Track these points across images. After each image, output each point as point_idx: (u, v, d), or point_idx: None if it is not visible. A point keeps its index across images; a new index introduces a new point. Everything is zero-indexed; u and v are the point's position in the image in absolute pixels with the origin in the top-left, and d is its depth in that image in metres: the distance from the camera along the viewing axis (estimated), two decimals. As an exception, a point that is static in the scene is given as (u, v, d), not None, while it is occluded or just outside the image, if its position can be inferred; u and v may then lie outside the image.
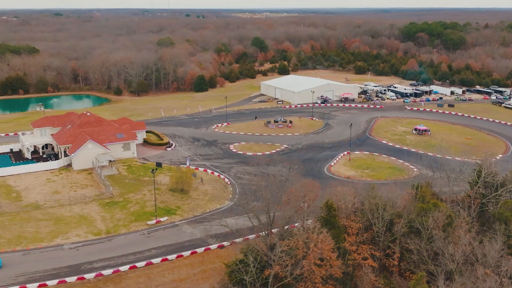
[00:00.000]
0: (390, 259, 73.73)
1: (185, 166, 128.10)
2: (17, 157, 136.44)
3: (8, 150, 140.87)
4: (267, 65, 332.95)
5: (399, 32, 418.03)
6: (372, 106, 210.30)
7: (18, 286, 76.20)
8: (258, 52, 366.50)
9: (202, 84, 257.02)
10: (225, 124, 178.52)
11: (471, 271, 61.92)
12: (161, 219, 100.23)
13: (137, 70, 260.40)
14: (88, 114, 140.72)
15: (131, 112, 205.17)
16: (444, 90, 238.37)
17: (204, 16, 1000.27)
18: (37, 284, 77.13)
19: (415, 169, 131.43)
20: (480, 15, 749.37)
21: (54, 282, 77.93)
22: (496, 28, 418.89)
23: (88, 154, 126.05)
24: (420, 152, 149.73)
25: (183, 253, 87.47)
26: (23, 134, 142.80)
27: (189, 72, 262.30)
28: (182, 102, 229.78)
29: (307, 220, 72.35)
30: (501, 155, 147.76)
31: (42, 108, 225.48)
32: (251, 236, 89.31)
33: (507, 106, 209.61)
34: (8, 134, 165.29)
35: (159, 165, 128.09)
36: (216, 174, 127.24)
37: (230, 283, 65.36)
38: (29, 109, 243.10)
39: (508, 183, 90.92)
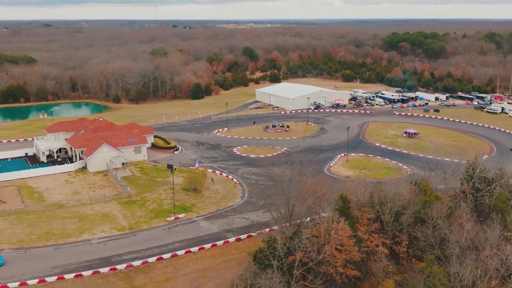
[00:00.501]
0: (399, 246, 79.19)
1: (194, 167, 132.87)
2: (32, 160, 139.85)
3: (23, 154, 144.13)
4: (258, 74, 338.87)
5: (382, 41, 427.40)
6: (362, 111, 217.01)
7: (56, 277, 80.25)
8: (248, 61, 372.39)
9: (198, 92, 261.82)
10: (226, 129, 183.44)
11: (476, 254, 67.57)
12: (179, 216, 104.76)
13: (135, 78, 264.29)
14: (101, 119, 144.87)
15: (132, 118, 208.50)
16: (429, 96, 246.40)
17: (190, 27, 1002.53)
18: (73, 274, 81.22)
19: (408, 169, 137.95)
20: (455, 26, 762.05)
21: (88, 272, 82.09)
22: (473, 38, 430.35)
23: (103, 157, 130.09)
24: (411, 153, 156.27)
25: (204, 246, 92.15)
26: (37, 139, 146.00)
27: (185, 81, 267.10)
28: (180, 109, 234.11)
29: (323, 212, 77.28)
30: (486, 156, 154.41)
31: (45, 116, 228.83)
32: (266, 230, 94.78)
33: (489, 110, 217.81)
34: (18, 140, 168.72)
35: (170, 167, 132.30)
36: (224, 175, 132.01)
37: (258, 268, 69.89)
38: (30, 116, 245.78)
39: (499, 178, 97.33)
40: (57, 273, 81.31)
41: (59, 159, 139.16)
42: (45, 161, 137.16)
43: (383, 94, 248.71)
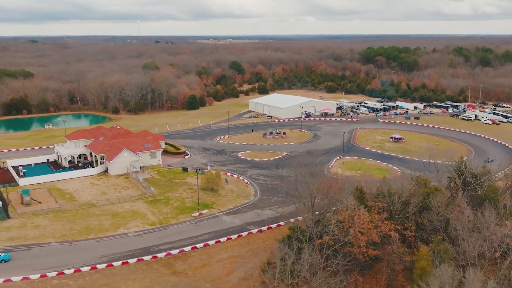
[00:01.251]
0: (408, 231, 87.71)
1: (207, 170, 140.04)
2: (54, 166, 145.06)
3: (45, 160, 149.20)
4: (246, 86, 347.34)
5: (359, 55, 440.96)
6: (349, 119, 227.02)
7: (105, 264, 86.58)
8: (236, 74, 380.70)
9: (194, 103, 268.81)
10: (227, 136, 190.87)
11: (477, 234, 76.34)
12: (203, 212, 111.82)
13: (134, 91, 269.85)
14: (118, 127, 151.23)
15: (134, 128, 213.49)
16: (408, 105, 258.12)
17: (172, 42, 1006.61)
18: (120, 262, 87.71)
19: (398, 170, 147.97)
20: (423, 41, 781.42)
21: (133, 260, 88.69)
22: (443, 52, 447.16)
23: (123, 161, 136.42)
24: (399, 156, 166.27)
25: (231, 236, 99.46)
26: (58, 146, 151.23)
27: (181, 92, 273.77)
28: (179, 119, 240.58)
29: (346, 201, 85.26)
30: (465, 158, 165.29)
31: (51, 126, 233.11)
32: (282, 223, 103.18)
33: (463, 118, 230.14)
34: (34, 148, 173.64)
35: (185, 169, 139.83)
36: (235, 176, 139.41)
37: (291, 251, 77.10)
38: (33, 127, 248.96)
39: (486, 174, 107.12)
40: (106, 261, 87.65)
41: (80, 164, 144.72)
42: (67, 166, 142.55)
43: (366, 103, 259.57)
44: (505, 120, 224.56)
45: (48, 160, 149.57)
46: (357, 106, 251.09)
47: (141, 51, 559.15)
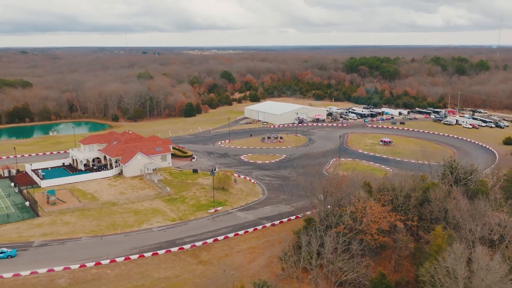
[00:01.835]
0: (411, 221, 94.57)
1: (212, 172, 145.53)
2: (70, 169, 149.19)
3: (61, 164, 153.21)
4: (237, 94, 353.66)
5: (343, 65, 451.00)
6: (339, 124, 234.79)
7: (137, 255, 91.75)
8: (227, 83, 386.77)
9: (191, 110, 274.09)
10: (228, 140, 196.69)
11: (474, 221, 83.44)
12: (218, 209, 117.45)
13: (133, 99, 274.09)
14: (130, 132, 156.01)
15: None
16: (393, 112, 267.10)
17: (159, 53, 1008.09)
18: (151, 253, 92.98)
19: (391, 170, 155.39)
20: (399, 51, 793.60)
21: (162, 251, 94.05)
22: (421, 62, 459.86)
23: (137, 163, 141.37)
24: (390, 157, 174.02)
25: (248, 230, 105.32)
26: (73, 150, 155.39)
27: (179, 100, 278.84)
28: (177, 125, 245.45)
29: (359, 194, 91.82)
30: (447, 159, 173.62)
31: (55, 133, 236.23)
32: (292, 217, 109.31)
33: (445, 122, 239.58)
34: (45, 153, 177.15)
35: (195, 171, 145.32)
36: (242, 176, 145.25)
37: (315, 237, 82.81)
38: (35, 134, 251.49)
39: (475, 170, 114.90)
40: (137, 253, 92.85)
41: (95, 167, 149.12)
42: (83, 169, 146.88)
43: (354, 110, 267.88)
44: (483, 124, 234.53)
45: (63, 163, 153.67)
46: (346, 112, 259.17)
47: (132, 61, 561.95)
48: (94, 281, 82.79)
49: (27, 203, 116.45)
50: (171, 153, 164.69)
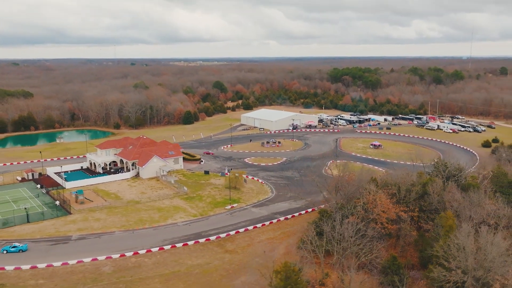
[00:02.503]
0: (412, 212, 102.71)
1: (222, 174, 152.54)
2: (89, 172, 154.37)
3: (79, 168, 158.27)
4: (230, 103, 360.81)
5: (327, 75, 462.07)
6: (331, 130, 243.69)
7: (170, 246, 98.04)
8: (219, 92, 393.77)
9: (189, 118, 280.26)
10: (229, 145, 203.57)
11: (477, 208, 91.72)
12: (234, 205, 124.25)
13: (134, 108, 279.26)
14: (144, 137, 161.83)
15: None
16: (379, 118, 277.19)
17: (147, 64, 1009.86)
18: (181, 244, 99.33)
19: (383, 170, 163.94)
20: (375, 62, 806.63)
21: (191, 242, 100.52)
22: (400, 72, 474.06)
23: (153, 166, 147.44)
24: (381, 159, 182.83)
25: (265, 223, 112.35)
26: (90, 154, 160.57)
27: (178, 109, 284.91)
28: (178, 132, 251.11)
29: (364, 189, 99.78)
30: (436, 160, 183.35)
31: (62, 140, 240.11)
32: (302, 212, 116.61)
33: (428, 127, 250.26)
34: (59, 158, 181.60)
35: (207, 172, 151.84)
36: (250, 177, 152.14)
37: (333, 225, 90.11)
38: (39, 142, 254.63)
39: (463, 168, 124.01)
40: (169, 244, 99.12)
41: (112, 170, 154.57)
42: (101, 172, 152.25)
43: (342, 117, 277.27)
44: (463, 129, 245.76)
45: (81, 167, 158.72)
46: (336, 119, 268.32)
47: (125, 72, 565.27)
48: (135, 268, 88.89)
49: (57, 202, 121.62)
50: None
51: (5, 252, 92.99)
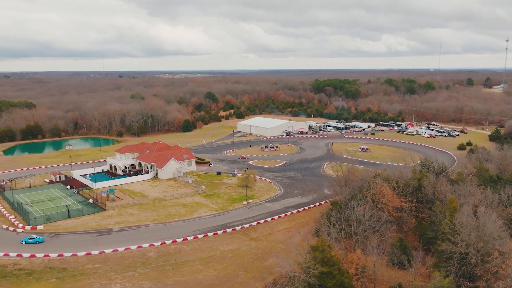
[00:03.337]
0: (410, 203, 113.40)
1: (233, 174, 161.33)
2: (111, 174, 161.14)
3: (100, 170, 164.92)
4: (222, 113, 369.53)
5: (310, 86, 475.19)
6: (321, 136, 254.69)
7: (202, 235, 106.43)
8: (211, 103, 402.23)
9: (188, 126, 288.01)
10: (232, 150, 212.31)
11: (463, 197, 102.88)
12: (249, 201, 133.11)
13: (136, 117, 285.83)
14: (160, 142, 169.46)
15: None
16: (363, 125, 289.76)
17: (134, 76, 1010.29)
18: (212, 233, 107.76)
19: (374, 171, 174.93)
20: (348, 74, 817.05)
21: (220, 232, 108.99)
22: (377, 83, 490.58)
23: (171, 168, 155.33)
24: (370, 161, 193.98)
25: (280, 215, 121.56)
26: (110, 158, 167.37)
27: (177, 117, 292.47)
28: (179, 139, 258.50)
29: (369, 183, 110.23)
30: (419, 161, 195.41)
31: (71, 148, 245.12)
32: (311, 206, 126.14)
33: (408, 133, 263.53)
34: (76, 163, 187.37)
35: (219, 173, 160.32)
36: (257, 177, 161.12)
37: (345, 214, 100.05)
38: (46, 150, 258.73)
39: (446, 167, 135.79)
40: (201, 233, 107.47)
41: (131, 172, 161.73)
42: (122, 174, 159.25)
43: (330, 124, 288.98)
44: (439, 134, 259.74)
45: (103, 170, 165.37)
46: (324, 126, 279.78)
47: (117, 84, 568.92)
48: (176, 254, 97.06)
49: (90, 200, 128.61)
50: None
51: (24, 243, 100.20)
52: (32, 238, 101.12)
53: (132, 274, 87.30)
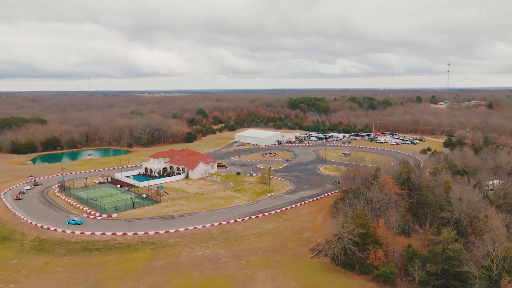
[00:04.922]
0: (402, 190, 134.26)
1: (251, 174, 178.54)
2: (148, 176, 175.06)
3: (138, 173, 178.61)
4: (214, 126, 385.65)
5: (286, 103, 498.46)
6: (306, 144, 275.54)
7: (248, 217, 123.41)
8: (202, 118, 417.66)
9: (190, 137, 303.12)
10: (237, 156, 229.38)
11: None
12: (272, 193, 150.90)
13: (145, 130, 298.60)
14: (187, 149, 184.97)
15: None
16: (339, 135, 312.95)
17: (118, 95, 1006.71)
18: (254, 216, 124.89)
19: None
20: (309, 93, 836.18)
21: (260, 215, 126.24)
22: (342, 101, 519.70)
23: (200, 169, 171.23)
24: (353, 163, 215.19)
25: (301, 203, 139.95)
26: (145, 163, 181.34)
27: (180, 130, 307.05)
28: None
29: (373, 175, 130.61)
30: (392, 163, 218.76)
31: (91, 157, 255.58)
32: (322, 196, 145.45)
33: (378, 141, 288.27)
34: (100, 169, 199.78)
35: (238, 173, 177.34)
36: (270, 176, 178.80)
37: (355, 200, 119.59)
38: (63, 160, 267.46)
39: (420, 165, 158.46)
40: (245, 216, 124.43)
41: (164, 174, 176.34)
42: (157, 175, 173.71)
43: (312, 134, 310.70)
44: (403, 142, 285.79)
45: (139, 172, 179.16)
46: (308, 136, 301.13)
47: (111, 102, 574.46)
48: (232, 231, 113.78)
49: (144, 195, 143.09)
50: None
51: (67, 223, 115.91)
52: (73, 220, 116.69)
53: (206, 245, 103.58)
